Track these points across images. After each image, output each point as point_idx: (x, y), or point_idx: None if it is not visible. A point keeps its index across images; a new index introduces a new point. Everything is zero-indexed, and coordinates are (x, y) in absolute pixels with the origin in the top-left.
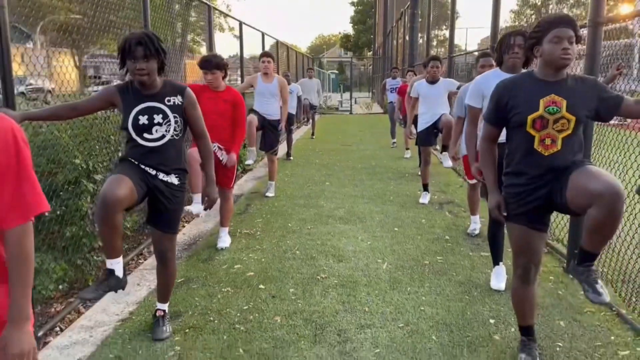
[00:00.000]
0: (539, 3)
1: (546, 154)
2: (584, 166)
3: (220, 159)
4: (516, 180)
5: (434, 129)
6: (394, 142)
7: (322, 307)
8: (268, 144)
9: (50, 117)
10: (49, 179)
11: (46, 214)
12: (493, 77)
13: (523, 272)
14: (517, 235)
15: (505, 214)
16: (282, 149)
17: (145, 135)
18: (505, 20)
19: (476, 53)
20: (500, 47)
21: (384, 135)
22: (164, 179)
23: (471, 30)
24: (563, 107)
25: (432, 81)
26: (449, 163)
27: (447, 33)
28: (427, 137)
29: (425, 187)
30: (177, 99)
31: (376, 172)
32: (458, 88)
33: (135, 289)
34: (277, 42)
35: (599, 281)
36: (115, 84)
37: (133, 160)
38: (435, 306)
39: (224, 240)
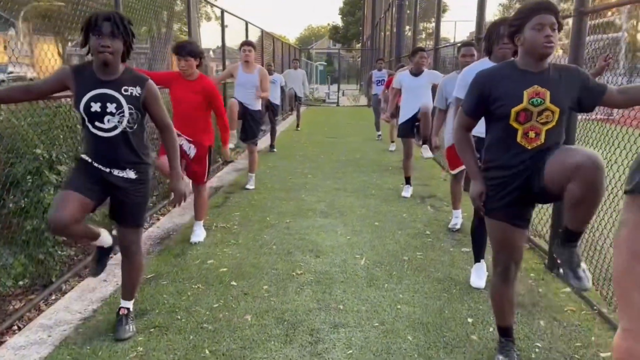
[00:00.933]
0: None
1: (529, 147)
2: (559, 148)
3: (188, 153)
4: (496, 174)
5: (415, 120)
6: (379, 135)
7: (295, 305)
8: (249, 134)
9: (3, 99)
10: (5, 169)
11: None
12: (482, 68)
13: (503, 269)
14: (497, 232)
15: (483, 205)
16: (266, 140)
17: (97, 123)
18: (495, 14)
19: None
20: (489, 37)
21: (370, 128)
22: (119, 174)
23: (460, 23)
24: (547, 98)
25: (416, 73)
26: (429, 154)
27: (433, 26)
28: (409, 130)
29: (408, 181)
30: (136, 90)
31: (360, 165)
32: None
33: (101, 285)
34: (262, 31)
35: (582, 264)
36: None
37: (86, 158)
38: (413, 304)
39: (198, 235)
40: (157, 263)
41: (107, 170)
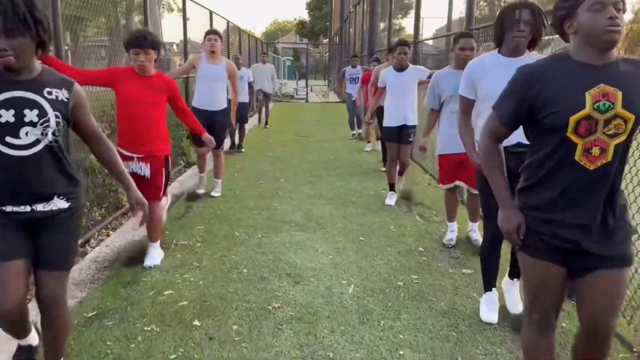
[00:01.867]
0: None
1: (592, 168)
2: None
3: (142, 174)
4: (541, 201)
5: (403, 127)
6: (353, 134)
7: (273, 352)
8: (214, 137)
9: None
10: None
11: None
12: (491, 62)
13: (541, 317)
14: (536, 271)
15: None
16: (229, 139)
17: (8, 139)
18: (461, 11)
19: (441, 39)
20: (501, 24)
21: (341, 126)
22: (44, 209)
23: (427, 20)
24: (618, 101)
25: (400, 68)
26: (392, 201)
27: (402, 22)
28: (395, 133)
29: (392, 187)
30: (62, 94)
31: (336, 167)
32: (429, 77)
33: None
34: (228, 23)
35: None
36: None
37: None
38: (417, 348)
39: (153, 257)
40: (102, 296)
41: (28, 209)
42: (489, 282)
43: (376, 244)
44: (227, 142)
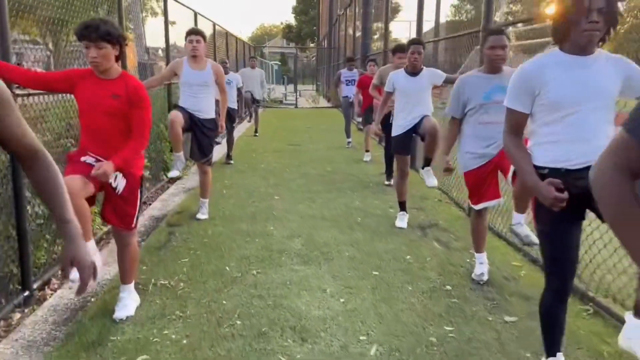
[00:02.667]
0: None
1: None
2: None
3: (114, 186)
4: None
5: (413, 132)
6: (349, 142)
7: None
8: (200, 152)
9: None
10: None
11: None
12: (554, 64)
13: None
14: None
15: None
16: (221, 149)
17: None
18: (447, 14)
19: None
20: (564, 16)
21: (335, 133)
22: None
23: (415, 23)
24: None
25: (413, 72)
26: (433, 181)
27: (389, 26)
28: (405, 143)
29: (402, 206)
30: None
31: (334, 180)
32: (446, 81)
33: None
34: (214, 25)
35: None
36: None
37: None
38: None
39: (126, 306)
40: None
41: None
42: (554, 345)
43: (393, 280)
44: (219, 153)
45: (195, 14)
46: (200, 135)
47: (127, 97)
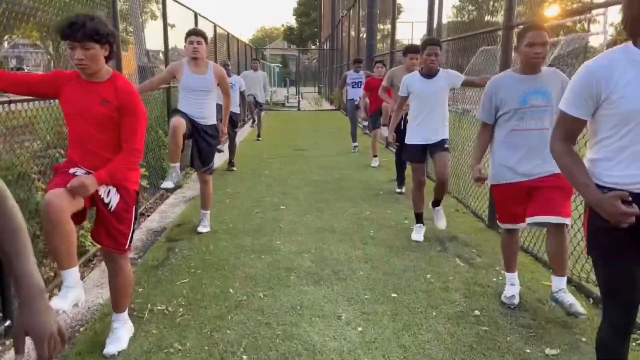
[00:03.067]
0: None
1: None
2: None
3: (107, 201)
4: None
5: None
6: (356, 146)
7: None
8: (200, 160)
9: None
10: None
11: None
12: (626, 63)
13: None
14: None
15: None
16: (222, 155)
17: None
18: (448, 15)
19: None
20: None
21: (341, 137)
22: None
23: (417, 24)
24: None
25: (429, 74)
26: (442, 223)
27: (390, 28)
28: (420, 153)
29: (419, 218)
30: None
31: (342, 188)
32: (465, 84)
33: None
34: (215, 27)
35: None
36: None
37: None
38: None
39: (118, 339)
40: None
41: None
42: None
43: (415, 304)
44: (221, 159)
45: (196, 15)
46: (202, 142)
47: (117, 102)
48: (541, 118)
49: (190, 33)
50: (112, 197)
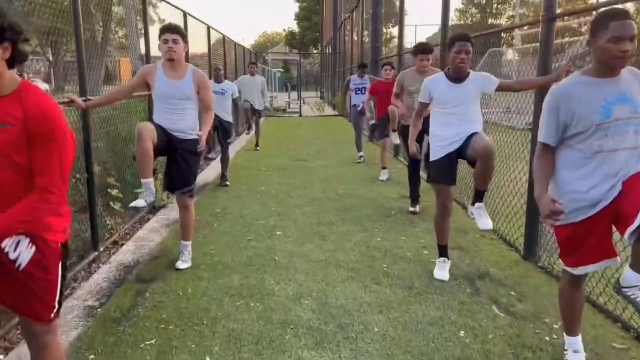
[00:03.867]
0: (484, 2)
1: None
2: None
3: (11, 257)
4: None
5: (458, 155)
6: (361, 156)
7: None
8: (178, 180)
9: None
10: None
11: None
12: None
13: None
14: None
15: None
16: (214, 170)
17: None
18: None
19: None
20: None
21: (344, 145)
22: None
23: (420, 27)
24: None
25: (457, 77)
26: (487, 223)
27: (393, 31)
28: (448, 169)
29: (443, 251)
30: None
31: (348, 207)
32: (500, 89)
33: None
34: (209, 29)
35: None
36: None
37: None
38: None
39: None
40: None
41: None
42: None
43: None
44: (211, 170)
45: (185, 15)
46: (181, 161)
47: (24, 123)
48: (627, 134)
49: (164, 30)
50: (22, 253)
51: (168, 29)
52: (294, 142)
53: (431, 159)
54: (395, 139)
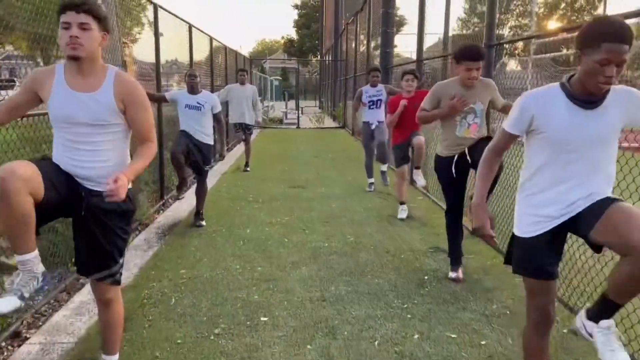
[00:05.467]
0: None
1: None
2: None
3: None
4: None
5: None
6: (372, 184)
7: None
8: (91, 262)
9: None
10: None
11: None
12: None
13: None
14: None
15: None
16: (189, 200)
17: None
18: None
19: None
20: None
21: (348, 165)
22: None
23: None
24: None
25: (592, 97)
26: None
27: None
28: (551, 250)
29: None
30: None
31: (363, 267)
32: None
33: None
34: (191, 27)
35: None
36: None
37: None
38: None
39: None
40: None
41: None
42: None
43: None
44: (183, 209)
45: (155, 8)
46: (93, 227)
47: None
48: None
49: (65, 7)
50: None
51: (69, 6)
52: (290, 161)
53: (518, 232)
54: (421, 180)
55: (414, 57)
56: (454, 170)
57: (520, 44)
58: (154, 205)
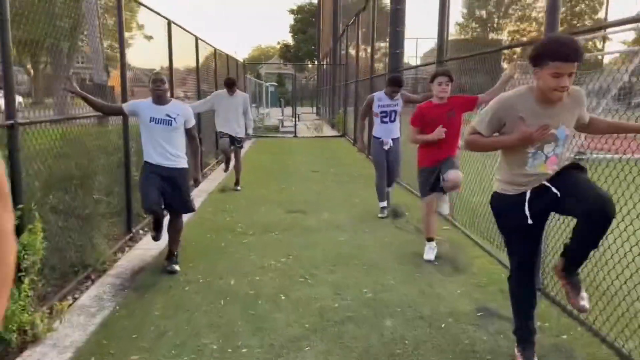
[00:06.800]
0: (485, 17)
1: None
2: None
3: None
4: None
5: None
6: (384, 209)
7: None
8: None
9: None
10: None
11: None
12: None
13: None
14: None
15: None
16: (161, 238)
17: None
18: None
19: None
20: None
21: (353, 183)
22: None
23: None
24: None
25: None
26: None
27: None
28: None
29: None
30: None
31: (387, 339)
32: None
33: None
34: (170, 24)
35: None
36: None
37: None
38: None
39: None
40: None
41: None
42: None
43: None
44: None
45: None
46: None
47: None
48: None
49: None
50: None
51: None
52: (288, 177)
53: None
54: (446, 208)
55: (412, 62)
56: (528, 214)
57: (518, 50)
58: (118, 242)
